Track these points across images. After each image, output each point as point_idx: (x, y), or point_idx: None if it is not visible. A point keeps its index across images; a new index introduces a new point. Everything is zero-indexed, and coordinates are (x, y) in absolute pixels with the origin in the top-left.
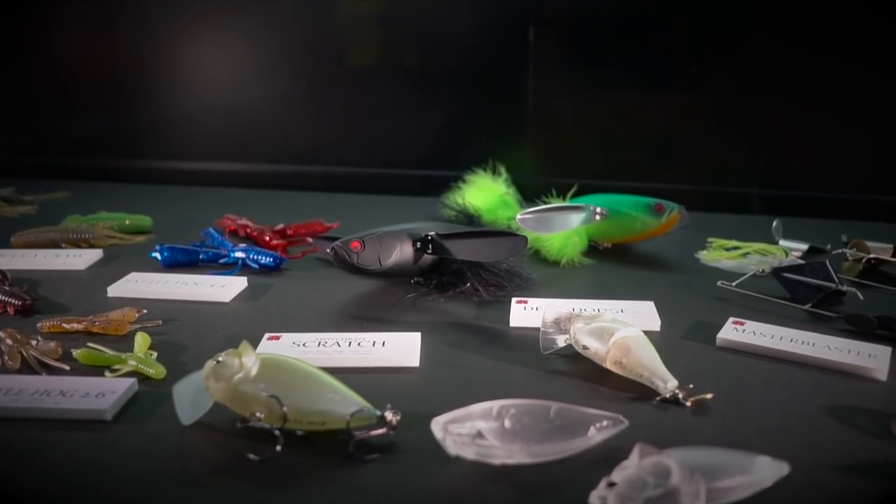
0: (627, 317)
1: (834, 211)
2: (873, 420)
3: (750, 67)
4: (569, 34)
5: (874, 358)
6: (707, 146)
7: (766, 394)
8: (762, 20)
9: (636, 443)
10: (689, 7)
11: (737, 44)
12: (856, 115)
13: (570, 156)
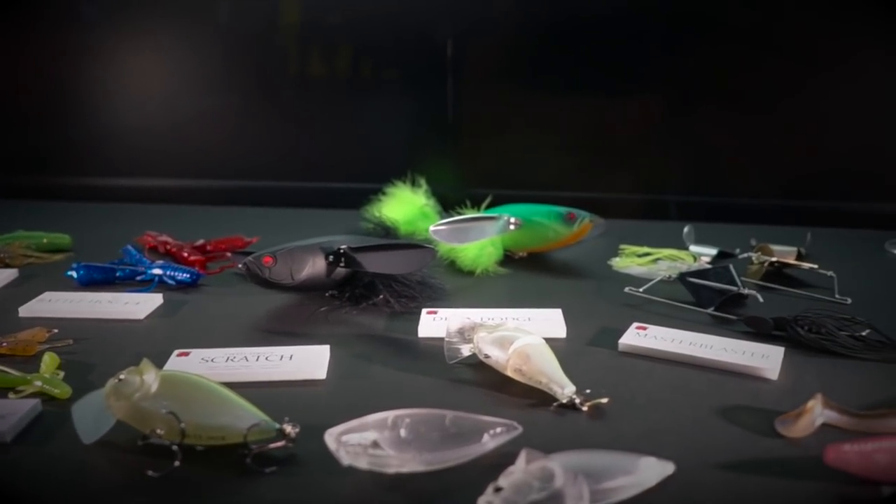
0: (535, 325)
1: (754, 216)
2: (761, 418)
3: (669, 76)
4: (487, 46)
5: (766, 358)
6: (629, 154)
7: (661, 397)
8: (682, 28)
9: (522, 448)
10: (608, 18)
11: (657, 52)
12: (774, 121)
13: (491, 166)
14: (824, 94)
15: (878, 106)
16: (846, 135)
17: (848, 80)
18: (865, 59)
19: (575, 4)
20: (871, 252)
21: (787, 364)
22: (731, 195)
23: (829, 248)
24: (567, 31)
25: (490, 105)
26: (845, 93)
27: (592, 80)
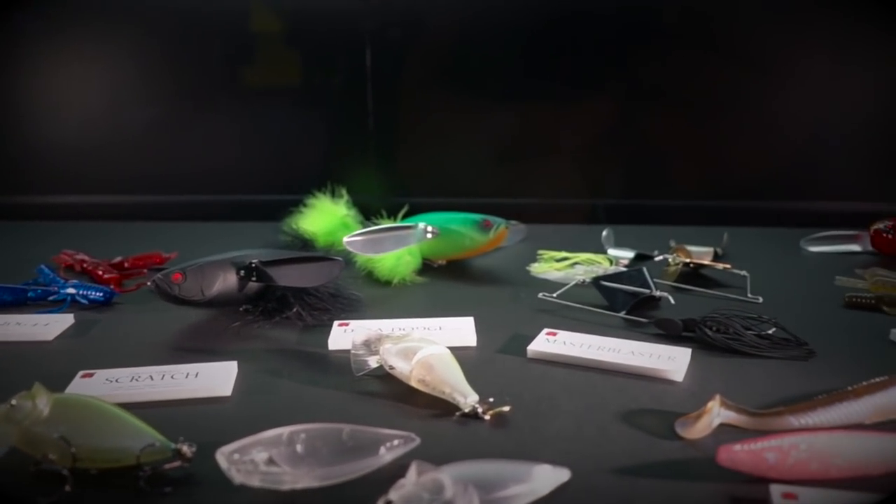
0: (446, 334)
1: (682, 217)
2: (662, 421)
3: (595, 80)
4: (406, 55)
5: (672, 360)
6: (552, 159)
7: (565, 402)
8: (612, 33)
9: (412, 460)
10: (524, 27)
11: (578, 58)
12: (702, 124)
13: (414, 174)
14: (745, 97)
15: (801, 106)
16: (767, 136)
17: (769, 82)
18: (794, 61)
19: (496, 11)
20: (788, 250)
21: (694, 365)
22: (658, 197)
23: (748, 247)
24: (489, 38)
25: (412, 113)
26: (766, 94)
27: (514, 87)
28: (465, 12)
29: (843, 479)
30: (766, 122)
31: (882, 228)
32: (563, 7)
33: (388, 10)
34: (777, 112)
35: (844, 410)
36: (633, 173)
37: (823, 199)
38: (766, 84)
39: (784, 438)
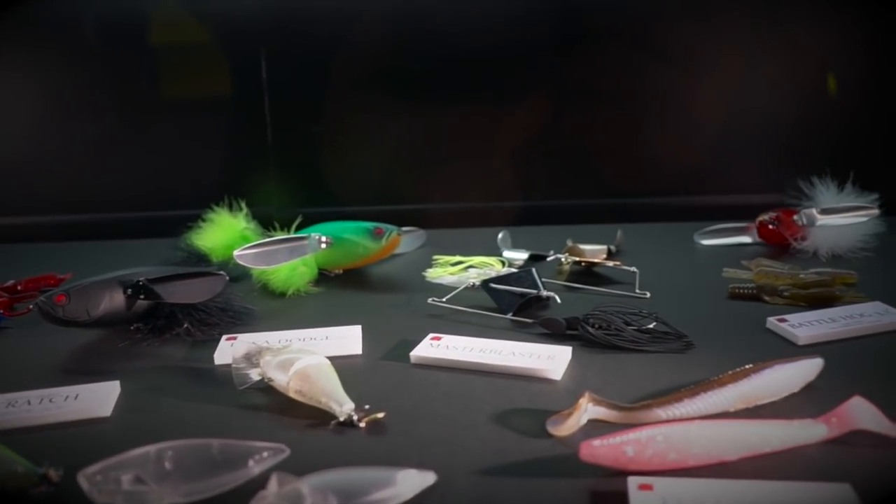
0: (332, 343)
1: (583, 216)
2: (536, 420)
3: (493, 86)
4: (303, 64)
5: (552, 359)
6: (457, 164)
7: (443, 406)
8: (526, 35)
9: (273, 472)
10: (429, 28)
11: (482, 62)
12: (617, 120)
13: (316, 184)
14: (656, 94)
15: (709, 103)
16: (676, 132)
17: (677, 79)
18: (707, 58)
19: (402, 16)
20: (684, 245)
21: (575, 363)
22: (571, 197)
23: (647, 243)
24: (394, 44)
25: (312, 123)
26: (675, 92)
27: (417, 93)
28: (366, 18)
29: (701, 467)
30: (677, 119)
31: (767, 220)
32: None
33: (283, 20)
34: (688, 108)
35: (710, 400)
36: (551, 174)
37: (729, 193)
38: (674, 82)
39: (642, 431)
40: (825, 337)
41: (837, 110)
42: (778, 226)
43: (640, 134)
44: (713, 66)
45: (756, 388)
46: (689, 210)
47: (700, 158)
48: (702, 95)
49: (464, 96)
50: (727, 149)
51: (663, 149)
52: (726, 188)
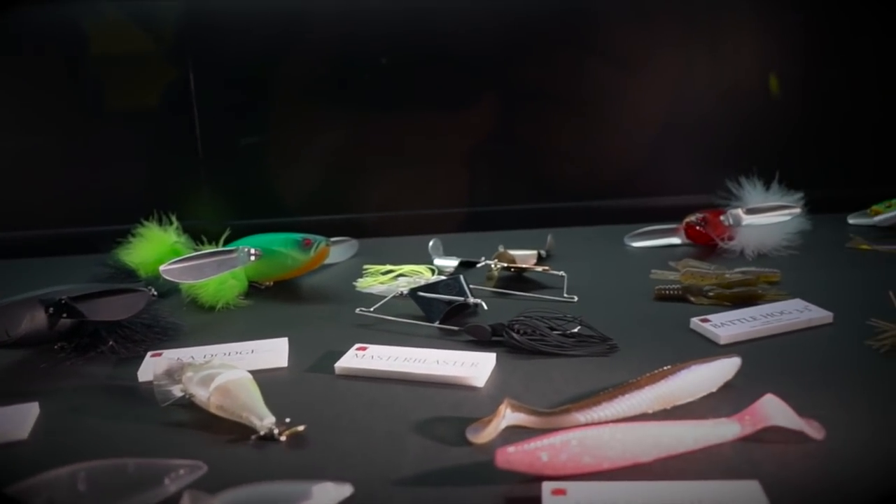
0: (257, 356)
1: (518, 221)
2: (457, 428)
3: (436, 91)
4: (229, 78)
5: (475, 367)
6: (396, 171)
7: (364, 417)
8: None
9: (186, 490)
10: (358, 41)
11: (407, 70)
12: (560, 124)
13: (249, 196)
14: (597, 98)
15: (640, 107)
16: (603, 135)
17: (605, 83)
18: (647, 62)
19: (336, 23)
20: (614, 247)
21: (500, 370)
22: (505, 203)
23: (581, 246)
24: (327, 53)
25: (244, 133)
26: (614, 95)
27: (353, 102)
28: (297, 26)
29: (617, 470)
30: (616, 122)
31: (694, 221)
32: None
33: (209, 30)
34: (627, 111)
35: (628, 402)
36: (491, 179)
37: (666, 195)
38: (611, 86)
39: (556, 437)
40: (746, 336)
41: (766, 111)
42: (705, 227)
43: (578, 138)
44: (651, 70)
45: (673, 389)
46: (627, 212)
47: (638, 160)
48: (639, 99)
49: (400, 103)
50: (664, 151)
51: (602, 152)
52: (663, 190)
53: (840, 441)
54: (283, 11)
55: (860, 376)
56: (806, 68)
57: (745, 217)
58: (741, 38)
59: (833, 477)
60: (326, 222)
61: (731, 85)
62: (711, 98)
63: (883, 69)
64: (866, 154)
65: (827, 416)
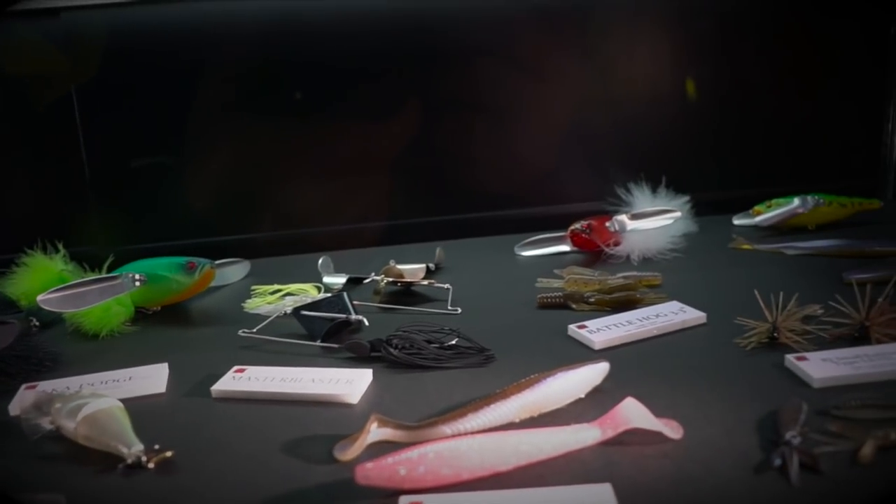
0: (135, 383)
1: (425, 233)
2: (328, 446)
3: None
4: (112, 101)
5: (350, 384)
6: (287, 192)
7: (236, 440)
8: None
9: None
10: (255, 55)
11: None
12: (467, 136)
13: (142, 220)
14: (489, 108)
15: (543, 116)
16: (504, 145)
17: (506, 94)
18: (554, 70)
19: (221, 40)
20: (506, 257)
21: (376, 385)
22: (407, 216)
23: (471, 257)
24: (221, 67)
25: (134, 156)
26: (516, 106)
27: (251, 119)
28: (184, 44)
29: (476, 480)
30: (520, 131)
31: (578, 229)
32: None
33: (94, 50)
34: (531, 120)
35: (494, 413)
36: (395, 193)
37: (564, 203)
38: (516, 96)
39: (413, 450)
40: (620, 340)
41: (655, 117)
42: (590, 234)
43: (484, 148)
44: (553, 80)
45: (540, 397)
46: (526, 221)
47: (538, 169)
48: (542, 108)
49: (302, 118)
50: (564, 159)
51: (504, 161)
52: (562, 198)
53: (697, 440)
54: (171, 31)
55: (726, 375)
56: (695, 74)
57: (630, 222)
58: (633, 48)
59: (686, 476)
60: (222, 244)
61: (623, 92)
62: (606, 106)
63: (768, 73)
64: (754, 156)
65: (689, 415)
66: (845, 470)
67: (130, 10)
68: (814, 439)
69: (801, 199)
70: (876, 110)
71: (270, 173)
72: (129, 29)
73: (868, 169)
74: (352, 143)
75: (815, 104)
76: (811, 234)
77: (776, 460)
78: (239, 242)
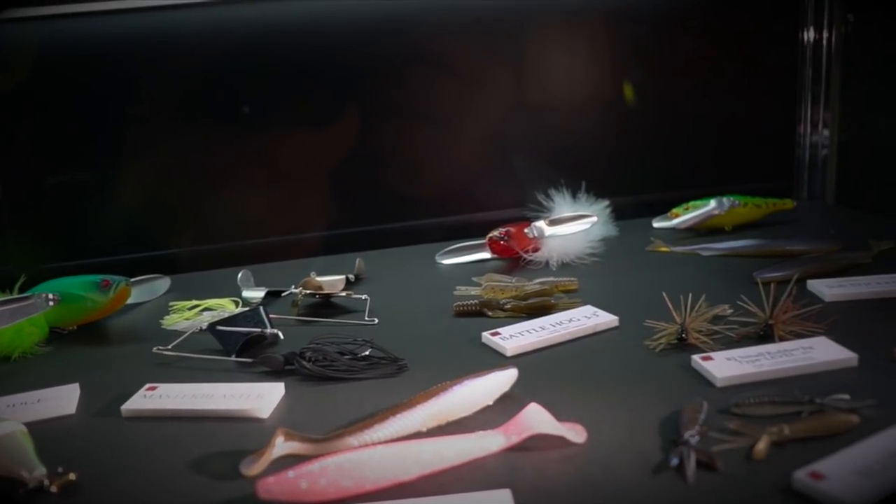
0: (43, 405)
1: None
2: (235, 462)
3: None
4: (24, 116)
5: (261, 398)
6: (210, 203)
7: (144, 459)
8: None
9: None
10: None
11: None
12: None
13: (54, 239)
14: (435, 117)
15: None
16: (450, 151)
17: (456, 102)
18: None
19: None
20: (425, 266)
21: (288, 399)
22: (340, 227)
23: (395, 266)
24: (133, 85)
25: (48, 174)
26: (452, 115)
27: (159, 136)
28: (99, 53)
29: (379, 491)
30: (451, 139)
31: (497, 236)
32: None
33: (6, 61)
34: (464, 129)
35: (400, 423)
36: (330, 203)
37: (494, 210)
38: (446, 103)
39: (315, 463)
40: (532, 346)
41: (575, 123)
42: (508, 241)
43: (406, 157)
44: (482, 88)
45: (447, 406)
46: (452, 229)
47: (464, 177)
48: (472, 116)
49: (224, 129)
50: (491, 166)
51: (426, 171)
52: (488, 205)
53: (600, 443)
54: (85, 44)
55: (633, 377)
56: (614, 80)
57: (548, 228)
58: (554, 55)
59: (586, 478)
60: (144, 260)
61: (545, 99)
62: (528, 113)
63: (685, 77)
64: (674, 159)
65: (594, 419)
66: (740, 466)
67: (42, 24)
68: (713, 438)
69: (718, 200)
70: (790, 112)
71: (193, 187)
72: (42, 42)
73: (784, 170)
74: (280, 154)
75: (731, 107)
76: (727, 235)
77: (674, 460)
78: (162, 258)
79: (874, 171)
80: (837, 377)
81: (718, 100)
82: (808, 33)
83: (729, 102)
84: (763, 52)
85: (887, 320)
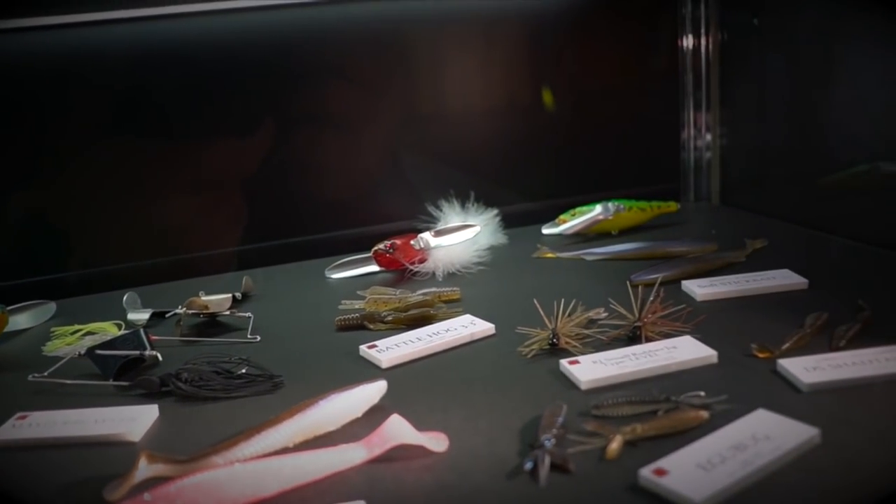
0: None
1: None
2: (100, 487)
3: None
4: None
5: (133, 421)
6: (101, 225)
7: (8, 490)
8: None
9: None
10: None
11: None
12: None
13: None
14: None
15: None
16: (349, 161)
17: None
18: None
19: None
20: (315, 281)
21: (162, 420)
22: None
23: (287, 282)
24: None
25: None
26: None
27: (56, 150)
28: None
29: None
30: (351, 150)
31: (382, 249)
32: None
33: None
34: (364, 139)
35: (266, 439)
36: (231, 220)
37: (389, 222)
38: (339, 118)
39: (171, 485)
40: (408, 357)
41: (465, 132)
42: (394, 252)
43: (306, 169)
44: (380, 98)
45: (313, 420)
46: (345, 243)
47: (359, 189)
48: (372, 127)
49: (113, 150)
50: (389, 178)
51: (322, 184)
52: (380, 218)
53: (461, 450)
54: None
55: (503, 384)
56: (505, 89)
57: (434, 239)
58: (446, 65)
59: (442, 486)
60: (27, 286)
61: (435, 109)
62: (420, 123)
63: (574, 83)
64: (563, 166)
65: (459, 427)
66: (593, 467)
67: None
68: (570, 440)
69: (603, 205)
70: (674, 118)
71: (87, 207)
72: None
73: (672, 174)
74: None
75: (619, 114)
76: (613, 239)
77: (528, 463)
78: (48, 283)
79: (754, 172)
80: (698, 375)
81: (606, 107)
82: (687, 40)
83: (616, 110)
84: (646, 60)
85: (750, 317)
